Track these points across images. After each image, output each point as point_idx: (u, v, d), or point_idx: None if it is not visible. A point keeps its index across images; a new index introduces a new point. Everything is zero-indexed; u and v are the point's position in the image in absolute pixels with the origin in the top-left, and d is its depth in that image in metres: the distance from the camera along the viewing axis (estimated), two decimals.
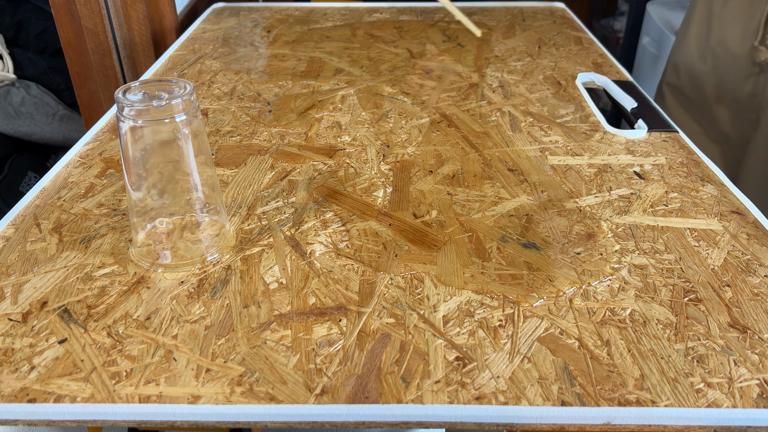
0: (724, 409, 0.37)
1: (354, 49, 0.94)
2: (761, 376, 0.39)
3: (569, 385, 0.38)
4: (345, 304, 0.44)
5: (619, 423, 0.37)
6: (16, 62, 1.36)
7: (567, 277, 0.47)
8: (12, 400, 0.37)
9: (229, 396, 0.37)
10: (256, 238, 0.51)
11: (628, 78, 0.83)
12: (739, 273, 0.48)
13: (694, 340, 0.42)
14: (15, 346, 0.41)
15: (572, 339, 0.41)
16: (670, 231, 0.52)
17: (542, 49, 0.95)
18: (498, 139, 0.67)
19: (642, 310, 0.44)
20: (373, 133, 0.68)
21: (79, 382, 0.38)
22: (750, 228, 0.53)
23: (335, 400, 0.37)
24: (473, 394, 0.38)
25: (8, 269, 0.48)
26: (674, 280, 0.47)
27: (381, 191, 0.58)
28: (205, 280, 0.47)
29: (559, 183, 0.59)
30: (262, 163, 0.62)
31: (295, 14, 1.12)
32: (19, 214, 0.54)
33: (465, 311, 0.44)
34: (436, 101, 0.76)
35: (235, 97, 0.77)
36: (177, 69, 0.85)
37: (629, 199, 0.56)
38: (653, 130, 0.69)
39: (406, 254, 0.49)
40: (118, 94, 0.44)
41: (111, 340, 0.41)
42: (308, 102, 0.76)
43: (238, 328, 0.42)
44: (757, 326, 0.43)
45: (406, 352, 0.40)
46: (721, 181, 0.60)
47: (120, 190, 0.58)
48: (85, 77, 1.00)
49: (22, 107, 1.33)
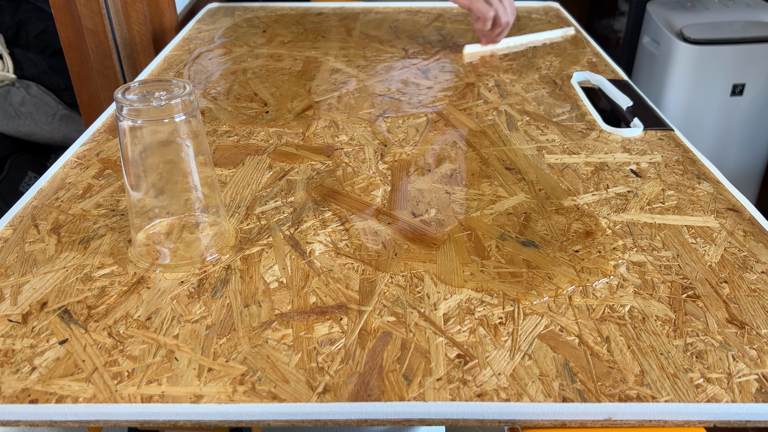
0: (723, 404, 0.37)
1: (350, 49, 0.94)
2: (760, 371, 0.39)
3: (570, 381, 0.39)
4: (346, 303, 0.44)
5: (619, 418, 0.37)
6: (16, 62, 1.35)
7: (566, 275, 0.47)
8: (14, 401, 0.37)
9: (232, 395, 0.38)
10: (256, 238, 0.51)
11: (623, 77, 0.84)
12: (736, 269, 0.48)
13: (693, 336, 0.42)
14: (15, 347, 0.41)
15: (572, 336, 0.42)
16: (668, 228, 0.53)
17: (537, 48, 0.95)
18: (495, 138, 0.67)
19: (641, 307, 0.44)
20: (371, 133, 0.68)
21: (81, 382, 0.38)
22: (746, 225, 0.53)
23: (338, 398, 0.37)
24: (475, 391, 0.38)
25: (7, 270, 0.48)
26: (672, 277, 0.47)
27: (379, 190, 0.58)
28: (206, 280, 0.47)
29: (556, 181, 0.59)
30: (260, 163, 0.62)
31: (290, 14, 1.12)
32: (17, 215, 0.54)
33: (465, 309, 0.44)
34: (433, 101, 0.76)
35: (232, 97, 0.77)
36: (173, 69, 0.85)
37: (626, 197, 0.57)
38: (649, 128, 0.69)
39: (406, 253, 0.49)
40: (118, 94, 0.44)
41: (112, 341, 0.41)
42: (305, 102, 0.76)
43: (239, 328, 0.42)
44: (755, 322, 0.43)
45: (407, 350, 0.41)
46: (717, 178, 0.60)
47: (118, 191, 0.58)
48: (85, 77, 1.00)
49: (22, 107, 1.32)
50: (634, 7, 1.71)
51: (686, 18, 1.62)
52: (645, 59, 1.68)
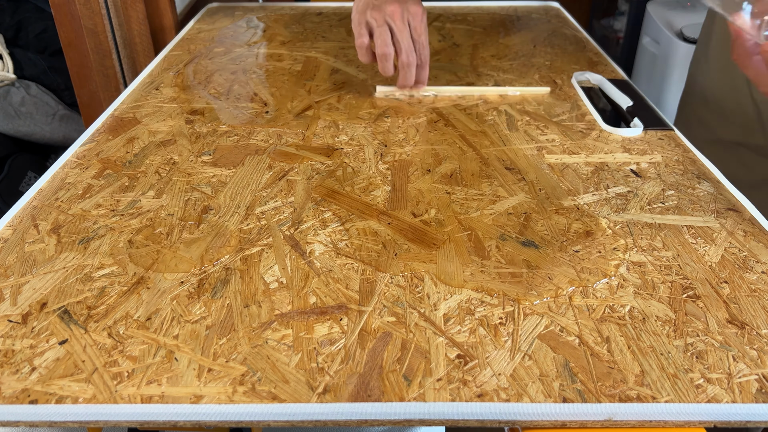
0: (723, 404, 0.37)
1: (350, 49, 0.94)
2: (760, 371, 0.39)
3: (570, 381, 0.38)
4: (346, 303, 0.44)
5: (620, 419, 0.37)
6: (16, 62, 1.35)
7: (566, 275, 0.47)
8: (13, 402, 0.37)
9: (232, 395, 0.38)
10: (255, 238, 0.51)
11: (623, 77, 0.84)
12: (736, 269, 0.48)
13: (693, 336, 0.42)
14: (15, 347, 0.41)
15: (572, 336, 0.42)
16: (668, 228, 0.53)
17: (537, 48, 0.95)
18: (495, 138, 0.67)
19: (641, 307, 0.44)
20: (371, 133, 0.68)
21: (81, 382, 0.38)
22: (746, 225, 0.53)
23: (338, 398, 0.37)
24: (475, 391, 0.38)
25: (6, 270, 0.48)
26: (672, 277, 0.47)
27: (379, 190, 0.58)
28: (205, 280, 0.47)
29: (556, 181, 0.59)
30: (260, 163, 0.62)
31: (290, 14, 1.11)
32: (17, 215, 0.54)
33: (465, 309, 0.44)
34: (433, 100, 0.76)
35: (232, 97, 0.77)
36: (172, 69, 0.85)
37: (626, 197, 0.57)
38: (649, 128, 0.69)
39: (406, 253, 0.49)
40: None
41: (112, 341, 0.41)
42: (305, 102, 0.76)
43: (239, 328, 0.42)
44: (755, 322, 0.43)
45: (407, 351, 0.41)
46: (717, 178, 0.60)
47: (118, 191, 0.58)
48: (85, 77, 1.00)
49: (22, 107, 1.33)
50: (634, 7, 1.71)
51: (686, 18, 1.62)
52: (645, 59, 1.68)
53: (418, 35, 0.70)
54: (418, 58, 0.72)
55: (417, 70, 0.73)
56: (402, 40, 0.70)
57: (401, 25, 0.69)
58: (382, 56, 0.71)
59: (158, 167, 0.61)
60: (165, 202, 0.56)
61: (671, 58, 1.61)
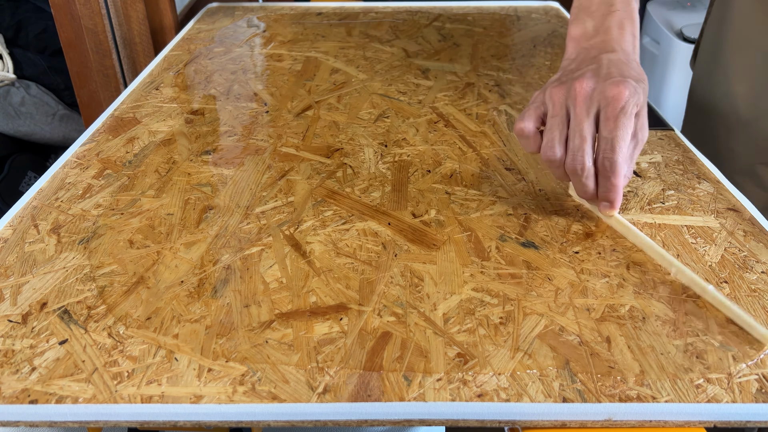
0: (723, 404, 0.37)
1: (350, 49, 0.94)
2: (760, 371, 0.39)
3: (570, 381, 0.38)
4: (345, 303, 0.44)
5: (620, 419, 0.37)
6: (16, 62, 1.35)
7: (566, 276, 0.47)
8: (13, 402, 0.37)
9: (232, 395, 0.38)
10: (255, 238, 0.51)
11: None
12: (736, 269, 0.48)
13: (693, 336, 0.42)
14: (15, 347, 0.41)
15: (572, 336, 0.42)
16: (668, 228, 0.53)
17: (537, 48, 0.95)
18: (495, 138, 0.67)
19: (641, 307, 0.44)
20: (371, 133, 0.68)
21: (81, 382, 0.38)
22: (746, 225, 0.53)
23: (338, 398, 0.37)
24: (475, 391, 0.38)
25: (7, 270, 0.48)
26: (672, 277, 0.47)
27: (379, 191, 0.58)
28: (205, 280, 0.47)
29: (556, 182, 0.59)
30: (260, 163, 0.62)
31: (290, 14, 1.11)
32: (17, 215, 0.54)
33: (465, 309, 0.44)
34: (433, 101, 0.76)
35: (232, 96, 0.77)
36: (172, 69, 0.85)
37: (626, 197, 0.57)
38: (649, 128, 0.69)
39: (406, 253, 0.49)
40: None
41: (112, 341, 0.41)
42: (305, 102, 0.76)
43: (239, 328, 0.42)
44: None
45: (407, 350, 0.41)
46: (716, 178, 0.60)
47: (118, 191, 0.58)
48: (85, 77, 1.00)
49: (22, 107, 1.33)
50: None
51: (686, 18, 1.62)
52: (645, 59, 1.68)
53: (608, 131, 0.47)
54: (602, 165, 0.48)
55: (601, 180, 0.49)
56: (573, 138, 0.48)
57: (581, 113, 0.47)
58: (546, 162, 0.50)
59: (158, 167, 0.61)
60: (165, 202, 0.56)
61: (671, 58, 1.61)
